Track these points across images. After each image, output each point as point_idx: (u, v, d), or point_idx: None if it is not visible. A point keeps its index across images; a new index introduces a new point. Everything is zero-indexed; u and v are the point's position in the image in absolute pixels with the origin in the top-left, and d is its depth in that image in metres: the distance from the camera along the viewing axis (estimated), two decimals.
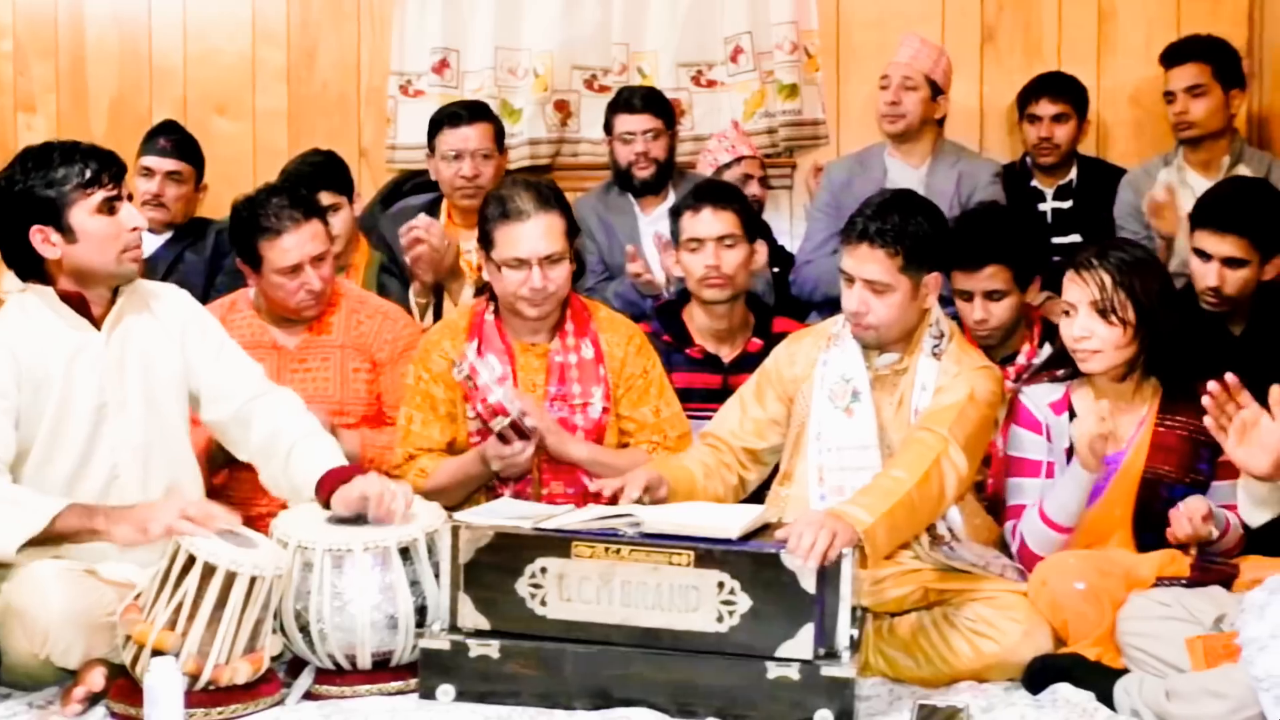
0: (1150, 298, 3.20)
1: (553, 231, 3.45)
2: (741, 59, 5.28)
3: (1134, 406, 3.29)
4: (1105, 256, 3.24)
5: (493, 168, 4.55)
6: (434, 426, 3.54)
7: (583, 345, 3.55)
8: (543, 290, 3.43)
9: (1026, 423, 3.34)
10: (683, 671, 2.79)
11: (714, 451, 3.41)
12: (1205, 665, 2.74)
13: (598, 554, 2.83)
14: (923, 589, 3.15)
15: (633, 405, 3.57)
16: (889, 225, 3.22)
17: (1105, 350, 3.21)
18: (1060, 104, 4.85)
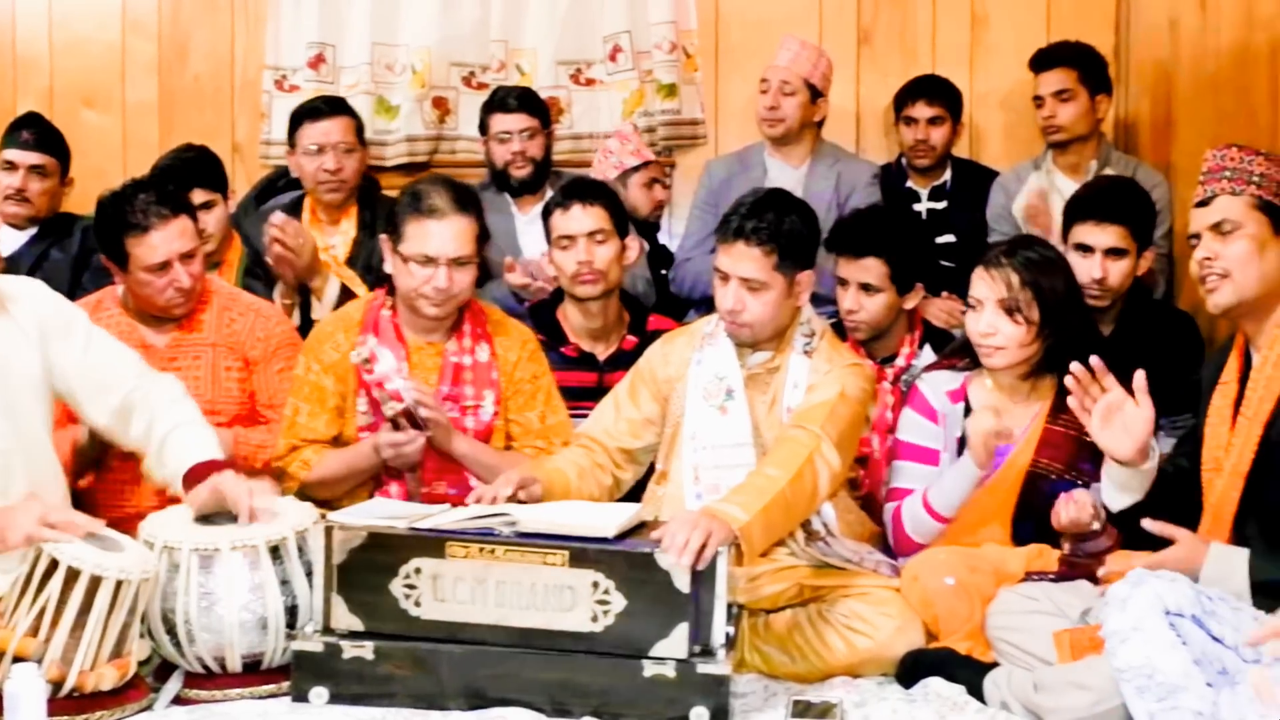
0: (1055, 298, 3.27)
1: (465, 234, 3.42)
2: (621, 58, 5.28)
3: (1029, 402, 3.36)
4: (1014, 255, 3.30)
5: (355, 161, 4.51)
6: (320, 419, 3.50)
7: (478, 348, 3.53)
8: (446, 291, 3.40)
9: (921, 409, 3.39)
10: (559, 670, 2.78)
11: (588, 452, 3.40)
12: (1071, 658, 2.79)
13: (472, 554, 2.81)
14: (798, 585, 3.18)
15: (519, 409, 3.56)
16: (764, 223, 3.25)
17: (1009, 347, 3.27)
18: (936, 107, 4.91)
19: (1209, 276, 2.84)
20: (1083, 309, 3.44)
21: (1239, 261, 2.80)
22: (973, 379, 3.40)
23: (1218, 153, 2.90)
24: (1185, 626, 2.32)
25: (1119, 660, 2.35)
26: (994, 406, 3.25)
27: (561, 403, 3.63)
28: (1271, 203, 2.82)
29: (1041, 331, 3.27)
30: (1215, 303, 2.84)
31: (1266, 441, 2.75)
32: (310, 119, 4.50)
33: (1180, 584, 2.40)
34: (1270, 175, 2.83)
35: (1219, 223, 2.83)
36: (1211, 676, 2.26)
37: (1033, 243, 3.49)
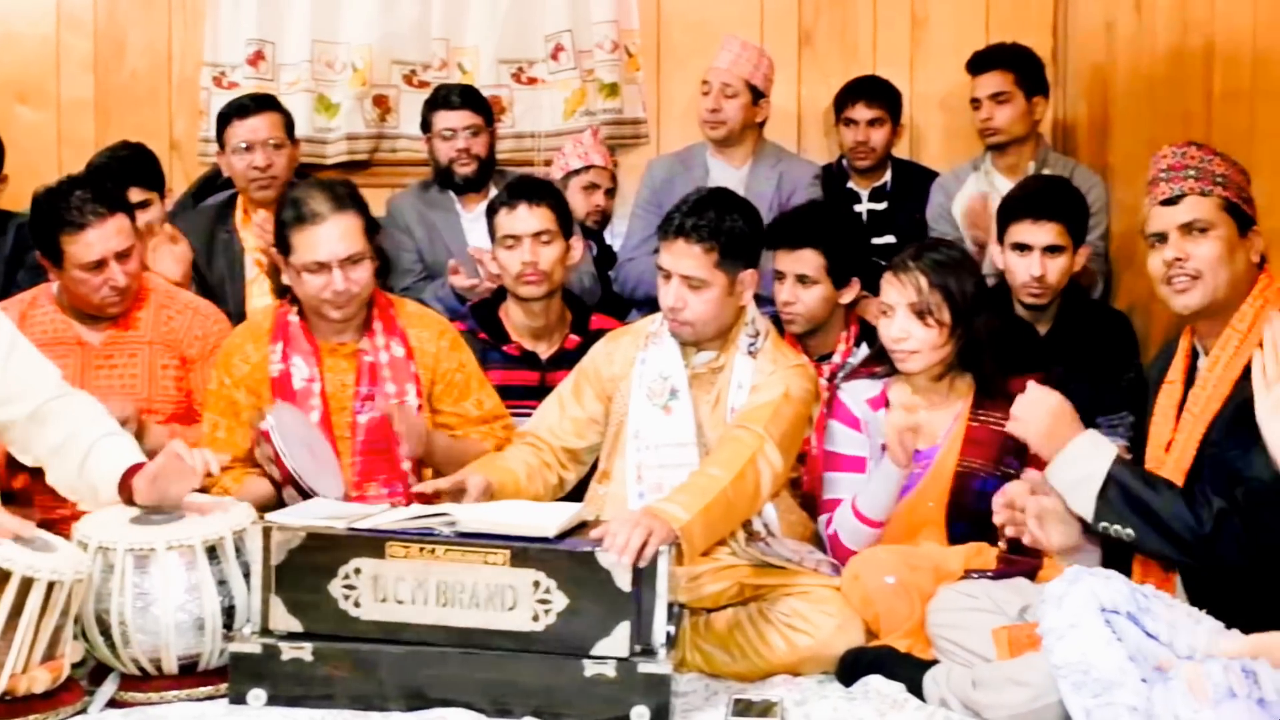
0: (965, 298, 3.29)
1: (350, 232, 3.39)
2: (562, 57, 5.27)
3: (949, 403, 3.38)
4: (920, 258, 3.31)
5: (285, 158, 4.48)
6: (238, 433, 3.45)
7: (392, 344, 3.50)
8: (346, 292, 3.37)
9: (844, 418, 3.40)
10: (499, 671, 2.77)
11: (534, 451, 3.40)
12: (1010, 654, 2.80)
13: (413, 554, 2.79)
14: (739, 585, 3.18)
15: (454, 401, 3.54)
16: (705, 221, 3.25)
17: (922, 351, 3.29)
18: (875, 108, 4.94)
19: (1177, 277, 2.81)
20: (993, 305, 3.46)
21: (1211, 263, 2.78)
22: (892, 384, 3.41)
23: (1176, 150, 2.87)
24: (1121, 623, 2.35)
25: (1056, 657, 2.37)
26: (906, 404, 3.26)
27: (489, 384, 3.62)
28: (1237, 205, 2.82)
29: (954, 332, 3.29)
30: (1184, 304, 2.82)
31: (1208, 441, 2.77)
32: (238, 116, 4.46)
33: (1115, 581, 2.42)
34: (1231, 177, 2.82)
35: (1190, 223, 2.80)
36: (1146, 672, 2.28)
37: (938, 244, 3.51)
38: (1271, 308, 2.77)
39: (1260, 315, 2.77)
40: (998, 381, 3.32)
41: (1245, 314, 2.78)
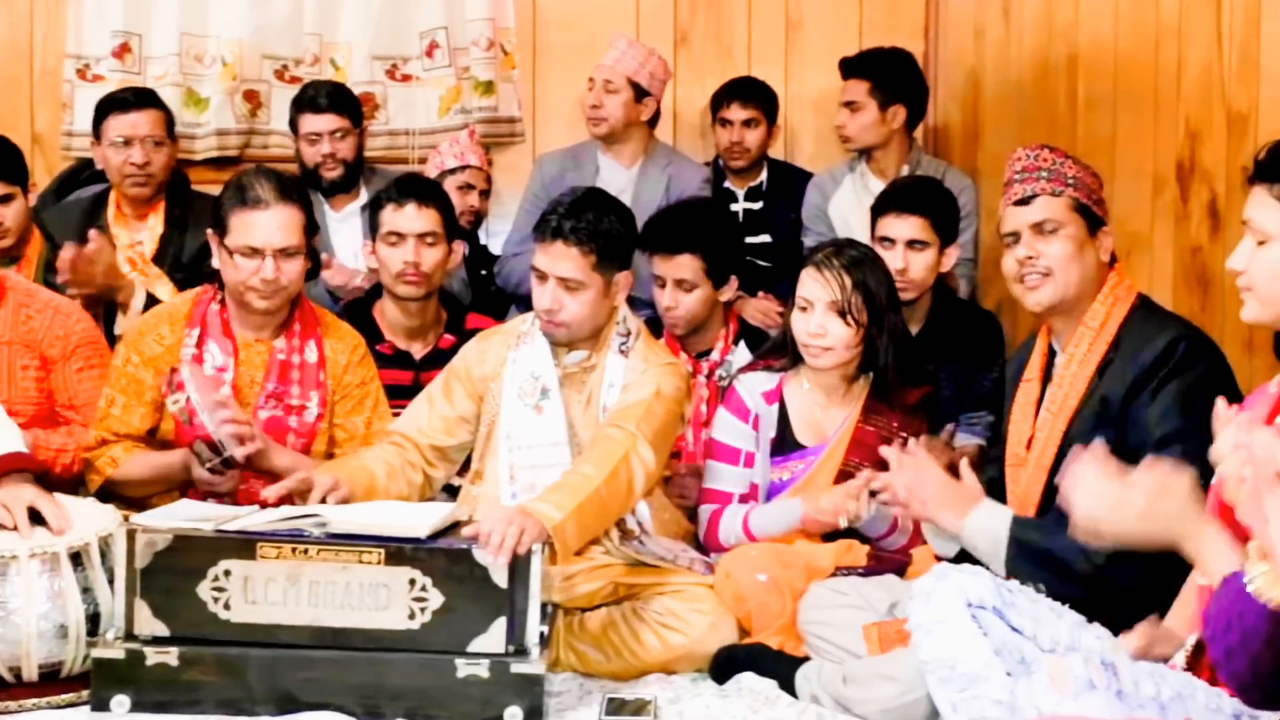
0: (880, 299, 3.33)
1: (290, 224, 3.35)
2: (437, 54, 5.23)
3: (844, 403, 3.41)
4: (842, 255, 3.35)
5: (164, 156, 4.39)
6: (136, 413, 3.41)
7: (307, 347, 3.46)
8: (274, 282, 3.33)
9: (735, 409, 3.41)
10: (371, 673, 2.74)
11: (398, 450, 3.36)
12: (880, 650, 2.84)
13: (285, 555, 2.75)
14: (613, 584, 3.18)
15: (346, 414, 3.50)
16: (583, 223, 3.25)
17: (837, 349, 3.32)
18: (750, 109, 4.96)
19: (1029, 275, 2.88)
20: (900, 308, 3.51)
21: (1061, 261, 2.85)
22: (789, 379, 3.44)
23: (1030, 152, 2.94)
24: (986, 618, 2.38)
25: (924, 652, 2.40)
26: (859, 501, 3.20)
27: (388, 409, 3.58)
28: (1087, 206, 2.89)
29: (868, 332, 3.33)
30: (1036, 301, 2.90)
31: (1069, 438, 2.83)
32: (117, 110, 4.36)
33: (982, 577, 2.46)
34: (1082, 179, 2.90)
35: (1041, 222, 2.87)
36: (1011, 666, 2.32)
37: (855, 243, 3.55)
38: (1122, 306, 2.85)
39: (1111, 313, 2.84)
40: (896, 387, 3.36)
41: (1097, 312, 2.86)
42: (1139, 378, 2.73)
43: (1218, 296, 3.66)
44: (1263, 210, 2.16)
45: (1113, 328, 2.84)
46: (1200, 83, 3.75)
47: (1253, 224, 2.18)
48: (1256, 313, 2.22)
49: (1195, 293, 3.80)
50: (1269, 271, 2.17)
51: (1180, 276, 3.88)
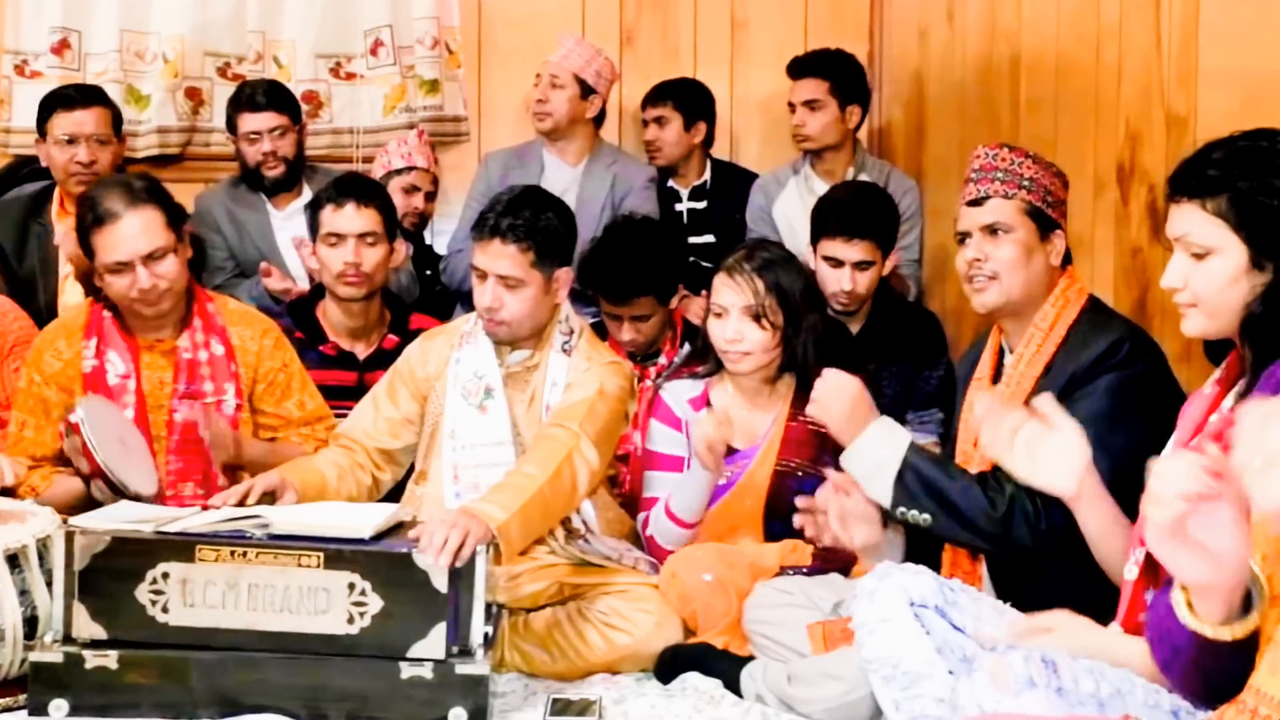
0: (795, 300, 3.33)
1: (151, 227, 3.30)
2: (382, 52, 5.20)
3: (771, 403, 3.42)
4: (753, 259, 3.35)
5: (109, 154, 4.35)
6: (46, 432, 3.36)
7: (212, 341, 3.42)
8: (153, 289, 3.29)
9: (665, 418, 3.42)
10: (314, 675, 2.72)
11: (347, 452, 3.35)
12: (824, 649, 2.85)
13: (224, 557, 2.72)
14: (558, 584, 3.18)
15: (276, 402, 3.48)
16: (520, 220, 3.24)
17: (755, 352, 3.32)
18: (659, 108, 4.97)
19: (977, 277, 2.89)
20: (818, 305, 3.52)
21: (1008, 265, 2.86)
22: (714, 384, 3.45)
23: (989, 151, 2.94)
24: (929, 617, 2.39)
25: (867, 651, 2.41)
26: (719, 411, 3.28)
27: (313, 385, 3.56)
28: (1040, 209, 2.89)
29: (786, 334, 3.33)
30: (981, 302, 2.91)
31: None
32: (63, 108, 4.31)
33: (924, 576, 2.47)
34: (1038, 180, 2.89)
35: (991, 225, 2.88)
36: (953, 664, 2.33)
37: (767, 244, 3.56)
38: (1072, 308, 2.87)
39: (1061, 315, 2.86)
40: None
41: (1047, 314, 2.87)
42: (1077, 374, 2.75)
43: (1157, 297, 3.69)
44: (1200, 226, 2.16)
45: (1062, 329, 2.85)
46: (1140, 86, 3.79)
47: (1190, 240, 2.18)
48: (1203, 327, 2.22)
49: (1135, 293, 3.83)
50: (1215, 285, 2.16)
51: (1121, 277, 3.91)
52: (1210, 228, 2.16)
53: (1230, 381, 2.24)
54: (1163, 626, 1.70)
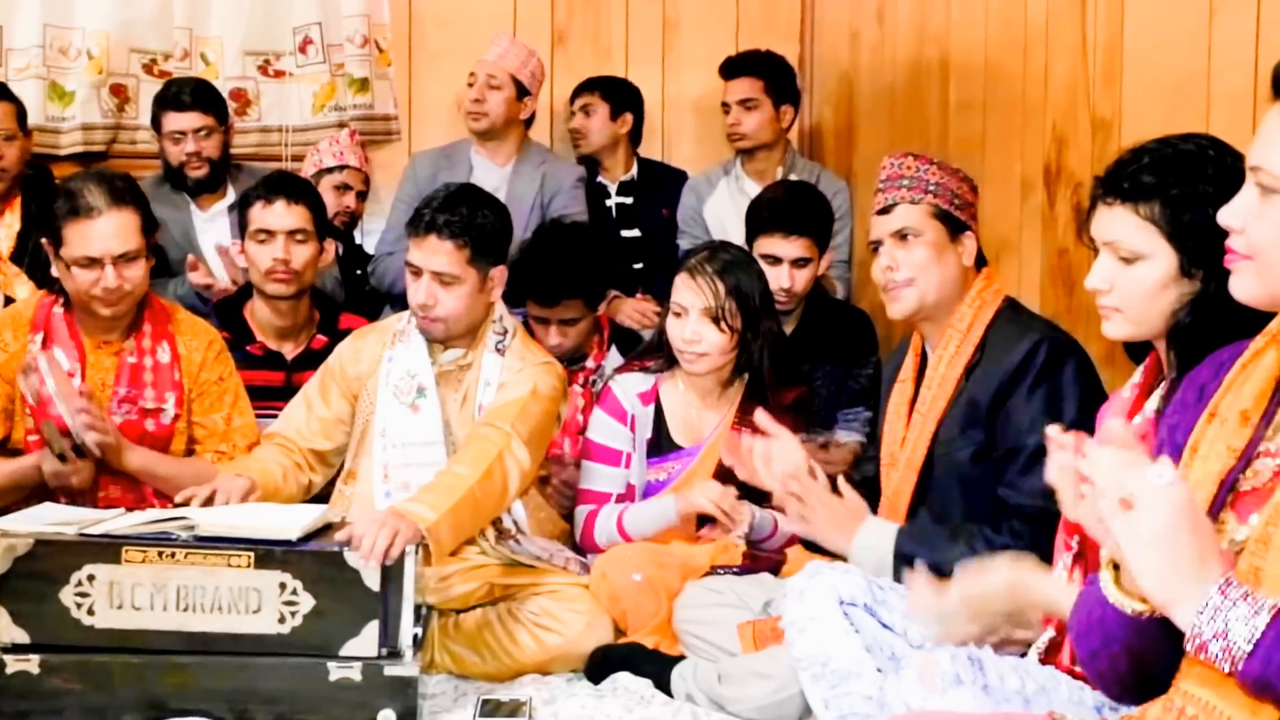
0: (755, 303, 3.34)
1: (127, 228, 3.25)
2: (311, 50, 5.16)
3: (720, 404, 3.43)
4: (715, 260, 3.36)
5: (15, 150, 4.30)
6: None
7: (159, 348, 3.38)
8: (118, 290, 3.24)
9: (612, 410, 3.41)
10: (241, 677, 2.70)
11: (286, 452, 3.33)
12: (754, 648, 2.86)
13: (151, 559, 2.70)
14: (488, 584, 3.17)
15: (204, 411, 3.43)
16: (457, 218, 3.23)
17: (712, 354, 3.33)
18: (586, 96, 5.00)
19: (891, 284, 2.92)
20: (773, 310, 3.54)
21: (920, 268, 2.88)
22: (664, 380, 3.45)
23: (894, 161, 2.98)
24: (858, 615, 2.41)
25: (797, 649, 2.42)
26: (732, 494, 3.24)
27: (248, 404, 3.51)
28: (948, 211, 2.92)
29: (743, 336, 3.35)
30: (899, 310, 2.92)
31: (937, 439, 2.87)
32: None
33: (854, 575, 2.48)
34: (945, 184, 2.93)
35: (900, 230, 2.90)
36: (882, 662, 2.35)
37: (729, 246, 3.57)
38: (988, 308, 2.89)
39: (978, 315, 2.88)
40: (771, 389, 3.38)
41: (964, 314, 2.90)
42: (1004, 381, 2.77)
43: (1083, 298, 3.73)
44: (1131, 231, 2.16)
45: (979, 330, 2.88)
46: (1066, 89, 3.83)
47: (1119, 244, 2.17)
48: (1126, 331, 2.22)
49: (1062, 294, 3.88)
50: (1142, 290, 2.16)
51: (1048, 278, 3.95)
52: (1141, 233, 2.15)
53: (1150, 385, 2.25)
54: (1093, 616, 1.70)
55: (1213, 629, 1.46)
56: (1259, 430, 1.67)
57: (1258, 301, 1.64)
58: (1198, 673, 1.58)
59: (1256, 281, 1.62)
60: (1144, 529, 1.49)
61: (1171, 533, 1.48)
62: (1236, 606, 1.46)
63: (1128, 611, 1.62)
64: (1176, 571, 1.49)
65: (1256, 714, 1.51)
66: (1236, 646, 1.45)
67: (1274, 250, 1.58)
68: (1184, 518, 1.48)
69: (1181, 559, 1.48)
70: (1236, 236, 1.62)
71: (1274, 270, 1.59)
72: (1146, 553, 1.50)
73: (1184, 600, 1.49)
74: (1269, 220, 1.58)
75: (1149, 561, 1.50)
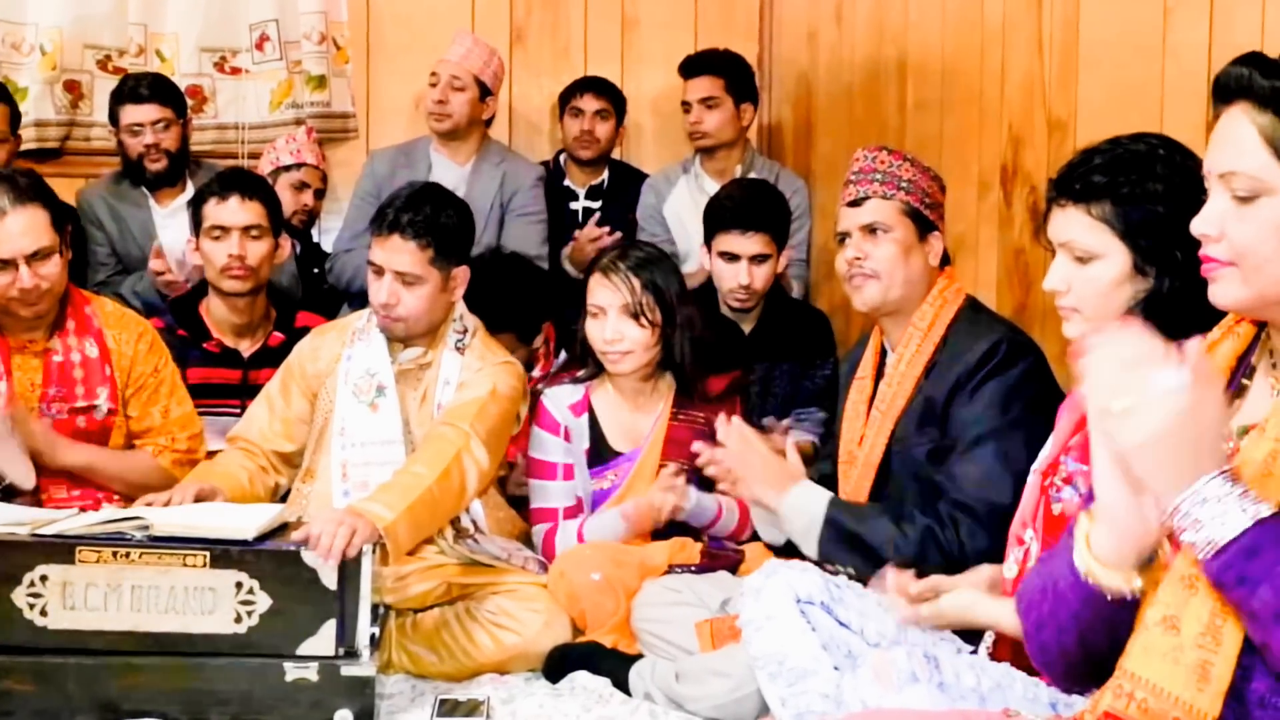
0: (671, 296, 3.34)
1: (36, 226, 3.20)
2: (268, 47, 5.14)
3: (651, 403, 3.42)
4: (627, 258, 3.35)
5: (4, 152, 4.27)
6: None
7: (86, 343, 3.34)
8: (35, 289, 3.20)
9: (547, 425, 3.40)
10: (197, 678, 2.68)
11: (249, 456, 3.31)
12: (712, 647, 2.86)
13: (106, 559, 2.68)
14: (446, 584, 3.16)
15: (141, 406, 3.39)
16: (421, 217, 3.22)
17: (635, 351, 3.32)
18: (603, 100, 5.00)
19: (856, 276, 2.93)
20: (690, 300, 3.53)
21: (886, 264, 2.90)
22: (595, 388, 3.44)
23: (868, 154, 2.99)
24: (815, 613, 2.42)
25: (754, 648, 2.43)
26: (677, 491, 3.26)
27: (185, 393, 3.48)
28: (918, 210, 2.94)
29: (664, 331, 3.35)
30: (862, 300, 2.95)
31: (895, 436, 2.88)
32: None
33: (811, 573, 2.49)
34: (916, 182, 2.95)
35: (870, 224, 2.92)
36: (839, 660, 2.35)
37: (640, 244, 3.58)
38: (950, 308, 2.91)
39: (939, 314, 2.91)
40: (698, 380, 3.39)
41: (926, 313, 2.92)
42: (960, 378, 2.79)
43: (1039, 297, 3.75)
44: (1084, 231, 2.18)
45: (940, 329, 2.90)
46: (1023, 89, 3.84)
47: (1073, 245, 2.20)
48: (1084, 331, 2.24)
49: (1018, 293, 3.89)
50: (1097, 290, 2.19)
51: (1004, 277, 3.97)
52: (1094, 233, 2.18)
53: None
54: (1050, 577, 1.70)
55: (1193, 515, 1.47)
56: None
57: (1243, 306, 1.65)
58: (1141, 649, 1.59)
59: (1242, 286, 1.62)
60: (1134, 435, 1.48)
61: (1161, 440, 1.47)
62: (1220, 503, 1.46)
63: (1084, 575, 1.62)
64: (1163, 474, 1.49)
65: (1202, 690, 1.53)
66: (1208, 540, 1.46)
67: (1261, 250, 1.59)
68: (1184, 427, 1.46)
69: (1171, 465, 1.48)
70: (1213, 245, 1.63)
71: (1263, 271, 1.60)
72: (1137, 456, 1.50)
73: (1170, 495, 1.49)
74: (1252, 222, 1.60)
75: (1141, 463, 1.50)
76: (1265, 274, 1.60)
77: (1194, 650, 1.55)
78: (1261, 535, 1.45)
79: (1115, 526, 1.62)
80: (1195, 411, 1.46)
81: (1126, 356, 1.49)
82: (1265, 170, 1.58)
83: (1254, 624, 1.47)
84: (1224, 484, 1.47)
